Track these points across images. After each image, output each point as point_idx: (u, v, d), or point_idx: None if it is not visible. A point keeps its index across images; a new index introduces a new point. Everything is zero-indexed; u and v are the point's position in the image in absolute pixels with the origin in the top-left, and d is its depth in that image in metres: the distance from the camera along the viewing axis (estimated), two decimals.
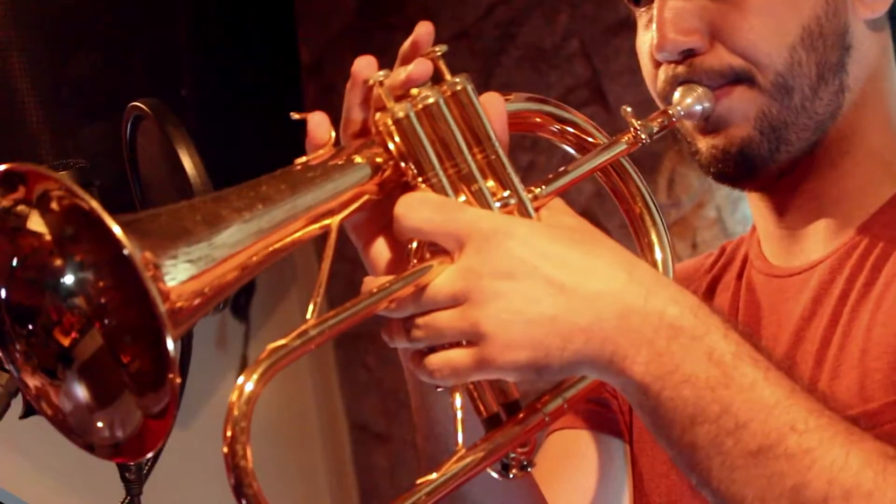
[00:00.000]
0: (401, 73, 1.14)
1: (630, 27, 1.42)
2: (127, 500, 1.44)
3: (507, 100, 1.21)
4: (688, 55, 1.31)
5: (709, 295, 1.44)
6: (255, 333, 3.55)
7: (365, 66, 1.15)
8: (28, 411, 1.40)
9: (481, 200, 1.13)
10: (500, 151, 1.15)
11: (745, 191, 1.40)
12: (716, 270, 1.47)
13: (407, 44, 1.17)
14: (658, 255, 1.27)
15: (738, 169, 1.32)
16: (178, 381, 0.96)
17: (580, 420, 1.44)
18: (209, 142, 3.04)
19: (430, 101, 1.13)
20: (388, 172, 1.14)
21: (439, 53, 1.16)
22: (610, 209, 2.48)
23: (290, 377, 3.61)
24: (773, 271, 1.38)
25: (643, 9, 1.36)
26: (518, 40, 3.10)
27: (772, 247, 1.39)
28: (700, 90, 1.30)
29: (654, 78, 1.35)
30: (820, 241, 1.35)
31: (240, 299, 3.52)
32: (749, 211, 1.45)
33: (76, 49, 2.93)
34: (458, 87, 1.15)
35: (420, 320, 1.09)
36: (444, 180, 1.13)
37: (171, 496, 2.48)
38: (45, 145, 2.91)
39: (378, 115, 1.14)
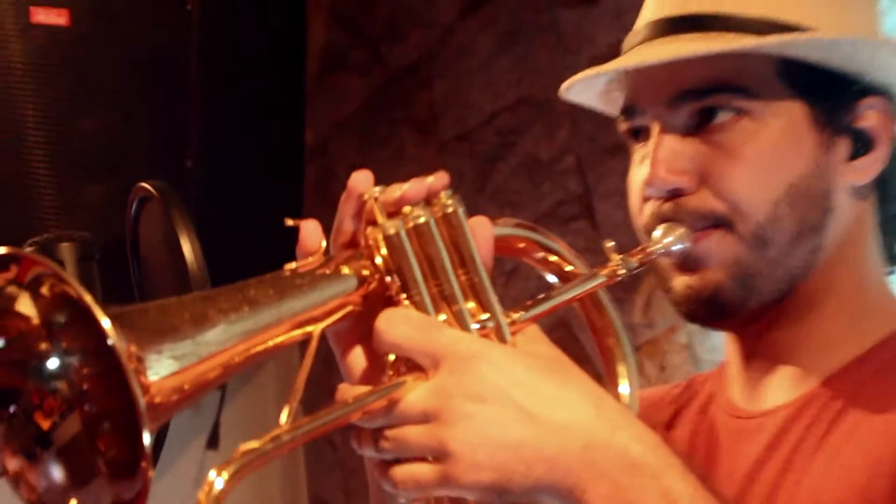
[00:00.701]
0: (396, 191, 1.15)
1: (625, 150, 1.43)
2: None
3: (496, 224, 1.23)
4: (674, 194, 1.32)
5: (670, 424, 1.45)
6: (229, 401, 3.54)
7: (362, 180, 1.16)
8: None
9: (461, 321, 1.13)
10: (484, 275, 1.16)
11: (714, 330, 1.41)
12: (681, 402, 1.48)
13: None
14: (625, 388, 1.28)
15: (707, 311, 1.33)
16: (151, 473, 0.96)
17: None
18: (210, 214, 3.07)
19: (421, 220, 1.14)
20: (373, 285, 1.14)
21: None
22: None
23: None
24: (735, 412, 1.39)
25: (640, 144, 1.38)
26: (517, 149, 3.12)
27: (737, 388, 1.40)
28: (682, 230, 1.31)
29: (640, 212, 1.36)
30: (783, 388, 1.35)
31: None
32: (718, 342, 1.46)
33: (88, 107, 2.96)
34: (450, 210, 1.16)
35: (390, 433, 1.09)
36: (427, 299, 1.13)
37: None
38: (49, 197, 2.93)
39: (369, 229, 1.15)
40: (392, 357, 1.13)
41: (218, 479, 1.01)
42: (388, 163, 3.35)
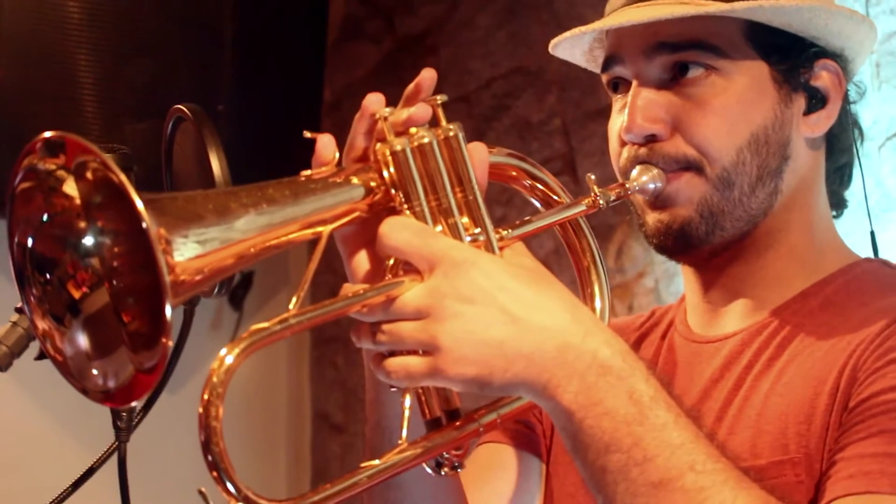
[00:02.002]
0: (403, 113, 1.12)
1: (605, 115, 1.40)
2: (115, 445, 1.41)
3: (491, 152, 1.20)
4: (650, 140, 1.29)
5: (634, 348, 1.42)
6: (245, 322, 3.51)
7: (375, 101, 1.13)
8: (42, 354, 1.36)
9: (455, 233, 1.11)
10: (478, 193, 1.13)
11: (680, 263, 1.39)
12: (644, 329, 1.45)
13: (411, 86, 1.15)
14: (598, 304, 1.26)
15: (676, 244, 1.30)
16: (170, 343, 0.94)
17: (507, 437, 1.41)
18: (236, 153, 3.04)
19: (425, 140, 1.11)
20: (378, 196, 1.12)
21: (439, 101, 1.14)
22: (565, 265, 2.48)
23: (268, 366, 3.57)
24: (692, 337, 1.36)
25: (619, 95, 1.35)
26: (510, 112, 3.09)
27: (695, 316, 1.38)
28: (655, 171, 1.29)
29: (619, 155, 1.33)
30: (736, 317, 1.33)
31: (237, 291, 3.48)
32: (681, 286, 1.43)
33: (134, 54, 2.92)
34: (451, 133, 1.13)
35: (386, 326, 1.07)
36: (426, 211, 1.11)
37: (153, 448, 2.44)
38: (95, 133, 2.89)
39: (378, 145, 1.12)
40: (392, 261, 1.10)
41: (228, 356, 0.98)
42: None
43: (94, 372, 0.98)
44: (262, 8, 3.13)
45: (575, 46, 1.42)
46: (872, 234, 1.41)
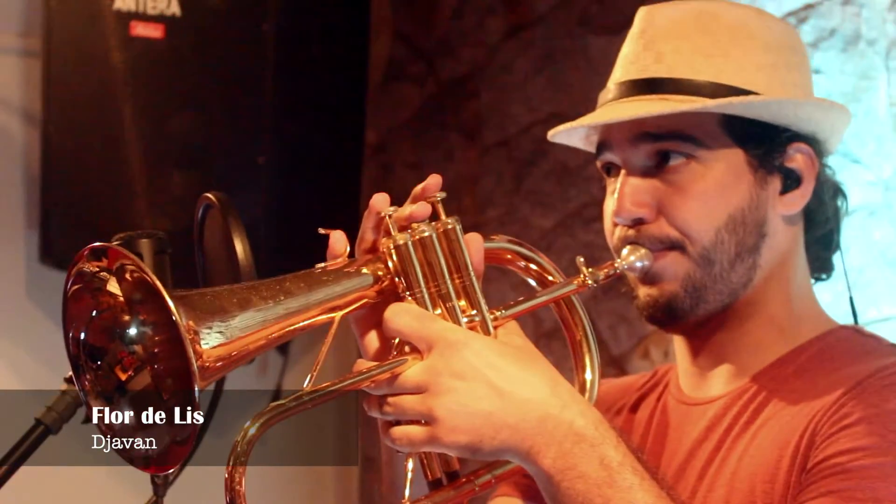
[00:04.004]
0: (406, 210, 1.36)
1: None
2: (153, 500, 1.66)
3: (491, 239, 1.43)
4: (637, 222, 1.52)
5: (634, 407, 1.65)
6: (290, 367, 3.74)
7: (381, 200, 1.37)
8: (87, 419, 1.62)
9: (453, 315, 1.35)
10: (474, 279, 1.37)
11: (669, 333, 1.62)
12: (644, 389, 1.68)
13: (419, 187, 1.38)
14: (588, 375, 1.48)
15: (664, 316, 1.53)
16: (200, 420, 1.19)
17: (517, 491, 1.64)
18: (277, 205, 3.29)
19: (426, 234, 1.35)
20: (385, 283, 1.36)
21: (439, 199, 1.37)
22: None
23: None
24: (683, 399, 1.59)
25: (612, 178, 1.58)
26: (549, 156, 3.31)
27: (686, 378, 1.60)
28: (643, 251, 1.51)
29: (612, 234, 1.56)
30: (721, 381, 1.55)
31: None
32: None
33: (177, 110, 3.18)
34: (449, 226, 1.37)
35: (391, 399, 1.31)
36: (426, 296, 1.34)
37: (189, 499, 2.68)
38: (141, 188, 3.15)
39: (384, 239, 1.36)
40: (397, 340, 1.34)
41: (251, 428, 1.23)
42: (438, 163, 3.56)
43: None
44: (300, 58, 3.35)
45: (572, 134, 1.65)
46: (851, 299, 1.63)
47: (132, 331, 1.22)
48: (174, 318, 1.16)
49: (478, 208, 3.48)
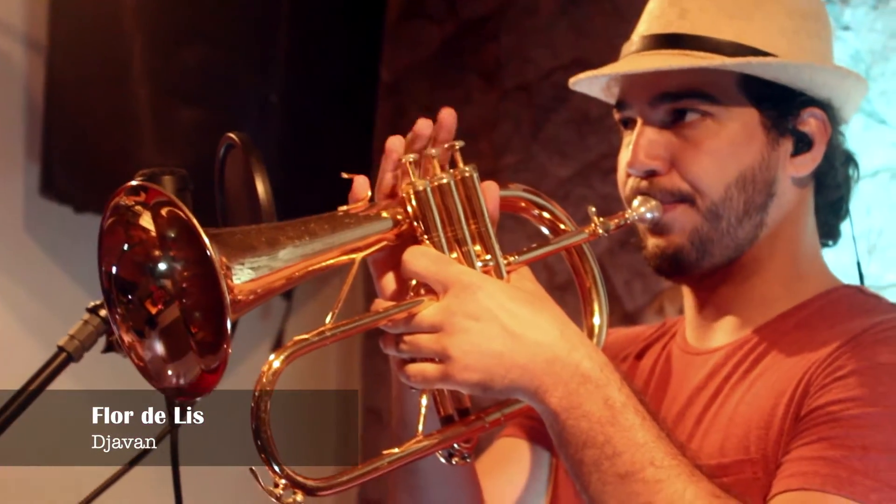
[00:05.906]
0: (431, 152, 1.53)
1: None
2: (168, 429, 1.84)
3: (507, 187, 1.61)
4: (650, 174, 1.69)
5: (640, 355, 1.84)
6: (293, 312, 3.91)
7: (397, 144, 1.54)
8: (108, 348, 1.80)
9: (468, 259, 1.52)
10: (489, 225, 1.54)
11: (674, 283, 1.80)
12: (651, 339, 1.86)
13: (435, 125, 1.55)
14: (597, 320, 1.67)
15: (670, 267, 1.71)
16: (230, 350, 1.37)
17: (522, 432, 1.84)
18: (290, 144, 3.44)
19: (444, 181, 1.52)
20: (404, 227, 1.53)
21: (457, 147, 1.55)
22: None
23: (318, 359, 3.99)
24: (686, 348, 1.77)
25: (628, 131, 1.75)
26: (569, 104, 3.46)
27: (691, 330, 1.78)
28: (653, 202, 1.68)
29: (624, 185, 1.73)
30: (724, 333, 1.73)
31: None
32: None
33: (188, 42, 3.30)
34: (467, 174, 1.54)
35: (407, 338, 1.49)
36: (443, 240, 1.52)
37: (204, 429, 2.85)
38: (148, 123, 3.27)
39: (404, 184, 1.53)
40: (414, 282, 1.52)
41: (275, 361, 1.41)
42: (454, 105, 3.66)
43: (170, 373, 1.41)
44: None
45: (593, 83, 1.82)
46: (858, 263, 1.81)
47: (163, 265, 1.39)
48: (209, 253, 1.34)
49: (494, 154, 3.63)
